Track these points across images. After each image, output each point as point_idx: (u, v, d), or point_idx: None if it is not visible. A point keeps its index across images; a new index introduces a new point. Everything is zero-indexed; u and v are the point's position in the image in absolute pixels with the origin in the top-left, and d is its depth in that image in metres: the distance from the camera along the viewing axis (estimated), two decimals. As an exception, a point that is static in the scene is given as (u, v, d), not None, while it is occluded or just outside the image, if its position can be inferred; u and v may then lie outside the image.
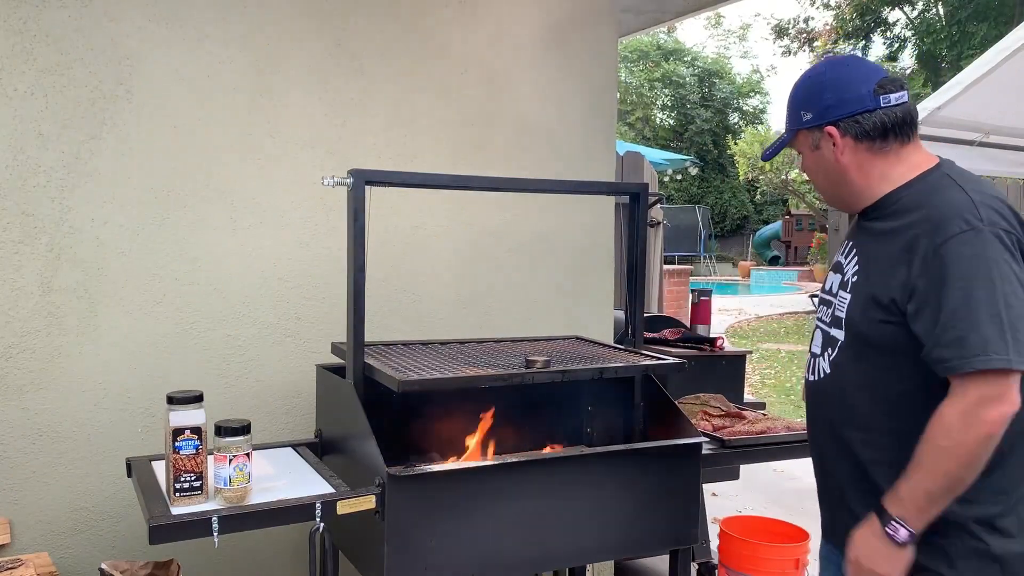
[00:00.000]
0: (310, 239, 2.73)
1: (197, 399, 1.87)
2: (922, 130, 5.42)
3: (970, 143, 5.52)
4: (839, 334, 1.71)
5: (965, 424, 1.46)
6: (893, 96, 1.66)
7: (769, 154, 1.86)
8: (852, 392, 1.69)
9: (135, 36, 2.45)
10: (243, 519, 1.82)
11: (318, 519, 1.87)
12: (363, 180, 2.06)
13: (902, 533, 1.52)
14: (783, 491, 5.26)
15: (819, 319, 1.82)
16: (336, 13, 2.75)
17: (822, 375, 1.77)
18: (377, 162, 2.81)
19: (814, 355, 1.81)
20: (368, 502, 1.89)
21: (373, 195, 2.10)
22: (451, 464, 2.19)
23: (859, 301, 1.65)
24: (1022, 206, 7.08)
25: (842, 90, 1.68)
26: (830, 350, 1.74)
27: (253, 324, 2.65)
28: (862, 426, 1.67)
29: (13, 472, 2.33)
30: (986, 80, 4.86)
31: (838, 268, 1.78)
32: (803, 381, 1.96)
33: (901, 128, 1.67)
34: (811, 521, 4.47)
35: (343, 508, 1.88)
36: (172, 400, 1.86)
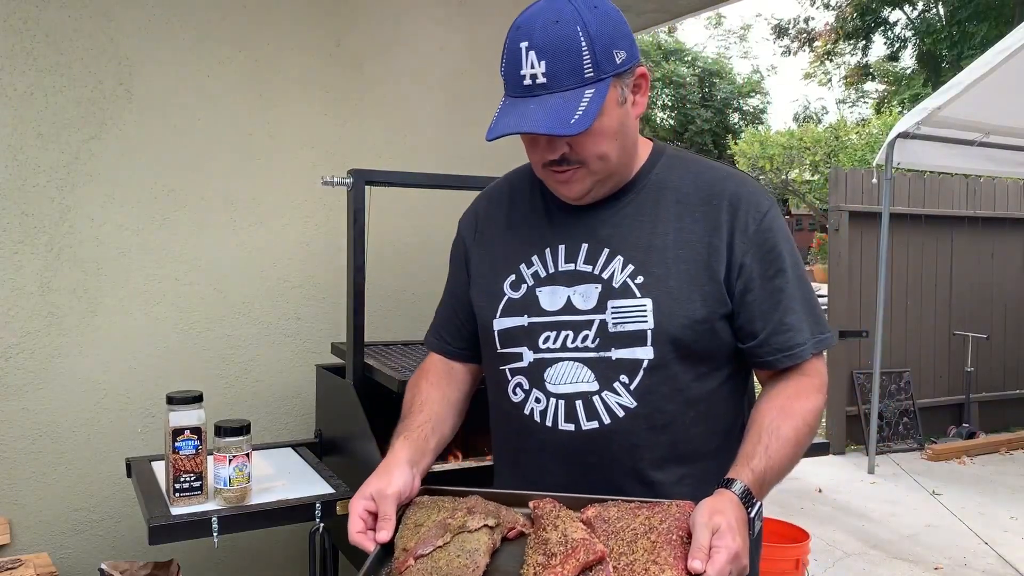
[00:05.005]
0: (310, 239, 2.73)
1: (197, 399, 1.87)
2: (922, 130, 5.46)
3: (970, 143, 5.53)
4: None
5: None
6: None
7: (581, 123, 1.19)
8: None
9: (135, 36, 2.45)
10: (243, 519, 1.82)
11: (318, 519, 1.87)
12: (363, 180, 2.06)
13: (757, 524, 1.18)
14: (783, 491, 5.26)
15: None
16: (336, 13, 2.75)
17: None
18: (377, 162, 2.81)
19: None
20: (368, 502, 1.88)
21: (373, 195, 2.10)
22: (451, 464, 2.18)
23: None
24: (1023, 206, 7.07)
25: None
26: None
27: (253, 324, 2.65)
28: None
29: (13, 472, 2.33)
30: (986, 80, 4.86)
31: None
32: None
33: None
34: (811, 521, 4.51)
35: (343, 508, 1.88)
36: (172, 400, 1.85)
